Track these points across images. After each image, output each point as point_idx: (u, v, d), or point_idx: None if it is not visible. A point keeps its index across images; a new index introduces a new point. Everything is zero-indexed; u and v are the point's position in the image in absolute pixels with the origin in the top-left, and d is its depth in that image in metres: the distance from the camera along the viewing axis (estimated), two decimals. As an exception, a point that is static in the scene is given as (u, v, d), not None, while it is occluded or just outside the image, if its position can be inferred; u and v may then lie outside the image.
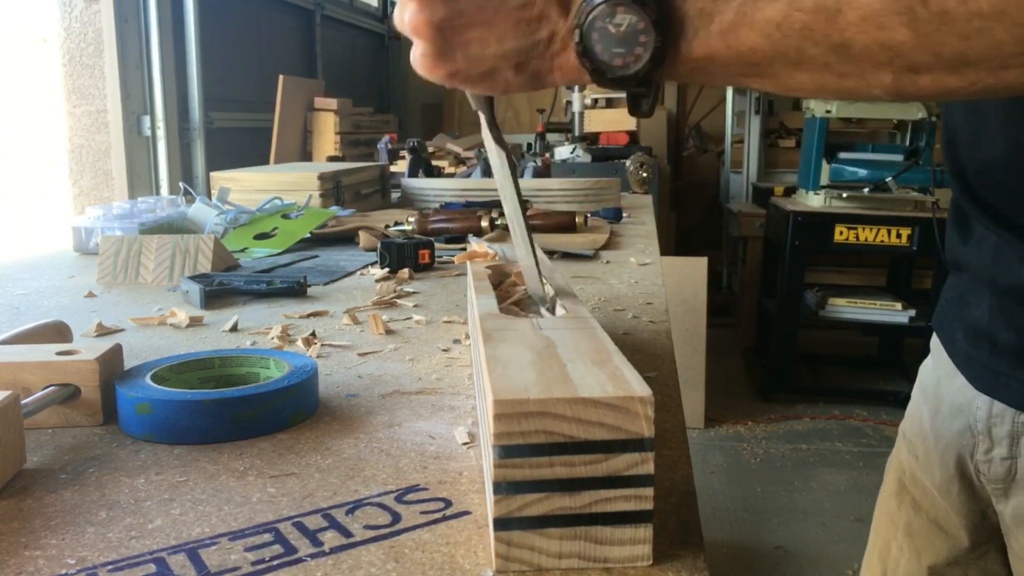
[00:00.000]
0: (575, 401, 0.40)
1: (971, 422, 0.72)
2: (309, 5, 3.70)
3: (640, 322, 0.95)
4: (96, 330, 0.89)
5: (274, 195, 1.65)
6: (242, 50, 3.21)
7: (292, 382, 0.62)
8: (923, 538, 0.81)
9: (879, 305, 3.56)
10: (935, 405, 0.78)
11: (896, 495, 0.86)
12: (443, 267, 1.27)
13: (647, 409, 0.40)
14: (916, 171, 3.37)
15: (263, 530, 0.46)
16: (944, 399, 0.77)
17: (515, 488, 0.40)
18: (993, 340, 0.68)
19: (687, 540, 0.45)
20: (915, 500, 0.82)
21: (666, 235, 3.68)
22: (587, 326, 0.54)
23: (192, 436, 0.58)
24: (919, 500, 0.82)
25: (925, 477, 0.80)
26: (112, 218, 1.39)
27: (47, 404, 0.59)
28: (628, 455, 0.40)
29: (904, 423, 0.87)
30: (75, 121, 2.16)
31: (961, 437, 0.74)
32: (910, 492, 0.83)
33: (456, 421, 0.63)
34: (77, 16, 2.12)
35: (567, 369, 0.44)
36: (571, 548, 0.41)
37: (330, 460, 0.56)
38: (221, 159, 2.42)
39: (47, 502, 0.50)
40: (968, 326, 0.72)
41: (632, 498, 0.41)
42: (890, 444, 0.91)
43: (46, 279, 1.19)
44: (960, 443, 0.74)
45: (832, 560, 2.43)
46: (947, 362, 0.76)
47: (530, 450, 0.40)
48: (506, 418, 0.40)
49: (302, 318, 0.96)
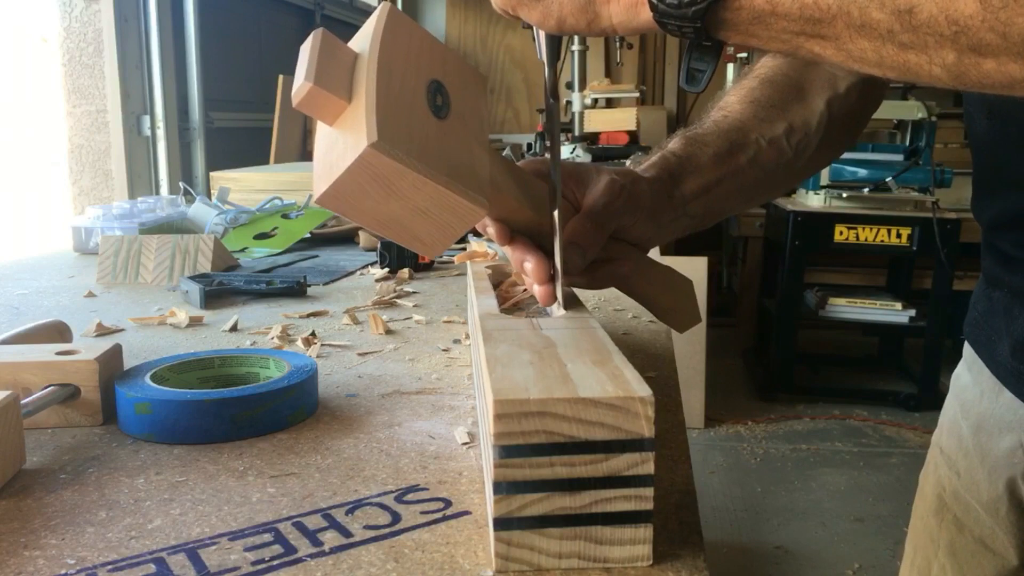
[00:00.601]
0: (575, 401, 0.40)
1: (1022, 440, 0.70)
2: (309, 5, 3.70)
3: (640, 322, 0.95)
4: (96, 330, 0.89)
5: (274, 195, 1.65)
6: (242, 50, 3.21)
7: (292, 382, 0.62)
8: (968, 558, 0.78)
9: (879, 305, 3.56)
10: (977, 421, 0.76)
11: (936, 513, 0.82)
12: (443, 267, 1.27)
13: (647, 409, 0.40)
14: (916, 171, 3.37)
15: (263, 530, 0.46)
16: (988, 415, 0.74)
17: (515, 488, 0.40)
18: None
19: (687, 540, 0.45)
20: (957, 518, 0.79)
21: (666, 235, 3.67)
22: (587, 326, 0.54)
23: (192, 436, 0.58)
24: (962, 519, 0.79)
25: (969, 495, 0.77)
26: (112, 218, 1.39)
27: (47, 404, 0.59)
28: (628, 455, 0.40)
29: (939, 436, 0.84)
30: (75, 121, 2.16)
31: (1011, 456, 0.71)
32: (952, 510, 0.80)
33: (456, 421, 0.63)
34: (77, 16, 2.12)
35: (567, 369, 0.44)
36: (571, 548, 0.41)
37: (330, 460, 0.56)
38: (221, 159, 2.42)
39: (47, 502, 0.50)
40: (1016, 341, 0.69)
41: (632, 498, 0.41)
42: (890, 444, 0.90)
43: (46, 279, 1.19)
44: (1011, 462, 0.71)
45: (832, 560, 2.43)
46: (989, 377, 0.74)
47: (530, 450, 0.40)
48: (506, 418, 0.40)
49: (302, 318, 0.96)
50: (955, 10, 0.40)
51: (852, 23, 0.43)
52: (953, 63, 0.41)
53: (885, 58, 0.43)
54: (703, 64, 0.50)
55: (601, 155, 3.29)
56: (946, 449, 0.82)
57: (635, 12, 0.48)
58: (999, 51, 0.40)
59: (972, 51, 0.40)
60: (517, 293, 0.72)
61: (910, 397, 3.49)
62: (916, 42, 0.42)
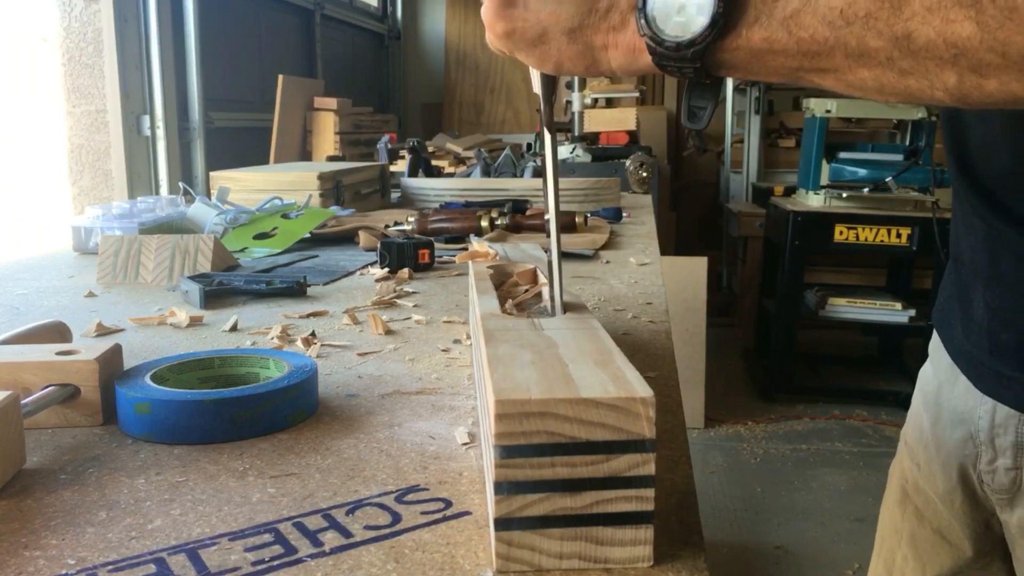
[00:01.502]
0: (577, 402, 0.40)
1: (973, 432, 0.70)
2: (309, 5, 3.70)
3: (640, 322, 0.95)
4: (96, 330, 0.89)
5: (274, 195, 1.65)
6: (242, 50, 3.21)
7: (292, 382, 0.62)
8: (927, 548, 0.80)
9: (879, 305, 3.56)
10: (935, 412, 0.77)
11: (899, 504, 0.84)
12: (443, 267, 1.27)
13: (648, 410, 0.40)
14: (916, 171, 3.37)
15: (263, 530, 0.46)
16: (945, 406, 0.76)
17: (516, 488, 0.40)
18: (993, 339, 0.67)
19: (687, 540, 0.45)
20: (918, 509, 0.81)
21: (666, 235, 3.68)
22: (589, 327, 0.54)
23: (192, 436, 0.58)
24: (922, 510, 0.81)
25: (928, 486, 0.79)
26: (112, 218, 1.39)
27: (47, 404, 0.59)
28: (629, 456, 0.40)
29: (906, 429, 0.86)
30: (75, 121, 2.15)
31: (963, 447, 0.72)
32: (913, 501, 0.82)
33: (456, 421, 0.63)
34: (77, 16, 2.12)
35: (569, 370, 0.44)
36: (572, 549, 0.41)
37: (330, 460, 0.56)
38: (221, 159, 2.41)
39: (47, 502, 0.50)
40: (967, 322, 0.70)
41: (633, 499, 0.41)
42: (890, 444, 0.91)
43: (46, 279, 1.19)
44: (962, 453, 0.73)
45: (832, 560, 2.43)
46: (948, 368, 0.75)
47: (531, 450, 0.40)
48: (508, 418, 0.40)
49: (302, 318, 0.96)
50: (953, 33, 0.39)
51: (850, 53, 0.43)
52: (955, 85, 0.41)
53: (886, 85, 0.43)
54: (703, 101, 0.50)
55: (601, 155, 3.29)
56: (910, 441, 0.84)
57: (634, 57, 0.49)
58: (1000, 70, 0.40)
59: (973, 72, 0.40)
60: (519, 293, 0.72)
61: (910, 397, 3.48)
62: (916, 67, 0.41)
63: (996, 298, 0.67)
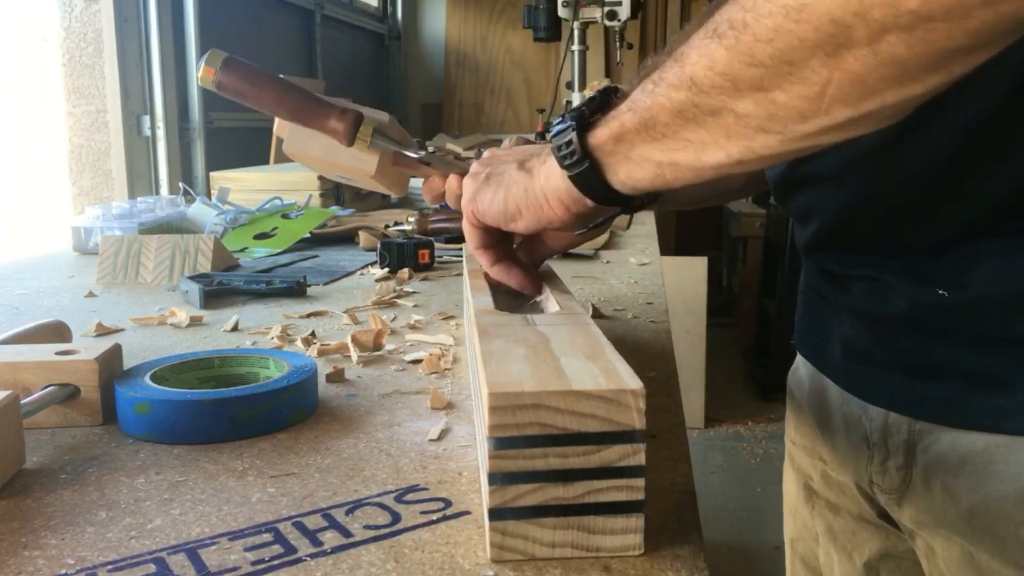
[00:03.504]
0: (568, 394, 0.41)
1: (866, 433, 0.68)
2: (309, 5, 3.70)
3: (640, 322, 0.95)
4: (96, 330, 0.89)
5: (274, 195, 1.65)
6: (242, 50, 3.20)
7: (291, 382, 0.62)
8: (850, 538, 0.78)
9: (879, 305, 3.55)
10: (823, 416, 0.74)
11: (806, 503, 0.83)
12: (443, 267, 1.27)
13: (639, 401, 0.41)
14: (916, 171, 3.37)
15: (263, 530, 0.46)
16: (834, 410, 0.72)
17: (510, 479, 0.41)
18: (874, 357, 0.64)
19: (687, 540, 0.45)
20: (830, 503, 0.79)
21: (666, 235, 3.68)
22: (580, 322, 0.54)
23: (191, 436, 0.58)
24: (835, 502, 0.79)
25: (841, 475, 0.76)
26: (112, 218, 1.39)
27: (47, 404, 0.59)
28: (620, 446, 0.41)
29: (789, 434, 0.86)
30: (75, 121, 2.15)
31: (857, 450, 0.70)
32: (823, 496, 0.80)
33: (456, 421, 0.63)
34: (77, 16, 2.12)
35: (560, 363, 0.45)
36: (564, 537, 0.42)
37: (330, 460, 0.56)
38: (221, 159, 2.41)
39: (47, 502, 0.50)
40: (846, 342, 0.67)
41: (624, 488, 0.41)
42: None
43: (46, 279, 1.19)
44: (855, 456, 0.70)
45: (832, 560, 2.43)
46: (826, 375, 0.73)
47: (524, 442, 0.41)
48: (501, 410, 0.40)
49: (302, 318, 0.96)
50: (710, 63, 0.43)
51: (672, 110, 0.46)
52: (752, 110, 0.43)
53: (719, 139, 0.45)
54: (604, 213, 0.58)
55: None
56: (799, 441, 0.82)
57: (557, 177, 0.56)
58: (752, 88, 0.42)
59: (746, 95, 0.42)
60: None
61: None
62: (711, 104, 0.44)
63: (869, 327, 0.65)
